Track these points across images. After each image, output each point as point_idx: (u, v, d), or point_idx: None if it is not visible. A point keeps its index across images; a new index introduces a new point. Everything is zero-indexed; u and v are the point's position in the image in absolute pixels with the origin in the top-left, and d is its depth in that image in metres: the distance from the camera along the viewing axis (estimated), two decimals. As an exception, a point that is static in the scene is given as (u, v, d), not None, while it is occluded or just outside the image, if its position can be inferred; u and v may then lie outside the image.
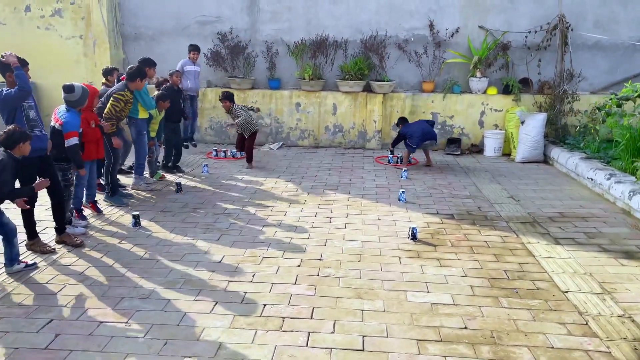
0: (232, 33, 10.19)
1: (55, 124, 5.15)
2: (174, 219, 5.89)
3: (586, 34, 9.56)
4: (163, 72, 9.54)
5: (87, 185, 5.76)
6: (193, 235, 5.40)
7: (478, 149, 9.85)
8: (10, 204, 4.43)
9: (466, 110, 9.87)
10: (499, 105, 9.77)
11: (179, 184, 6.94)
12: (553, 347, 3.50)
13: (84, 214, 5.73)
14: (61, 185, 5.06)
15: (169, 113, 7.52)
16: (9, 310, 3.86)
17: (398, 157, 8.91)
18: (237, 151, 8.86)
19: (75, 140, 5.09)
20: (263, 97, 10.16)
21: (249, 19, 10.26)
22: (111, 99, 6.25)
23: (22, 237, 4.89)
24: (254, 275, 4.46)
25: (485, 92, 9.83)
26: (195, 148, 9.57)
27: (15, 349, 3.40)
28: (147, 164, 7.33)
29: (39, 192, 4.91)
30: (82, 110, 5.45)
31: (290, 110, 10.15)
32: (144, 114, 7.00)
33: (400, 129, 8.64)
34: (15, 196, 4.38)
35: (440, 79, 10.08)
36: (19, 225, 4.67)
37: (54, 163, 5.07)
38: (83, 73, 10.29)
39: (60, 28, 10.24)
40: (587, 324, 3.80)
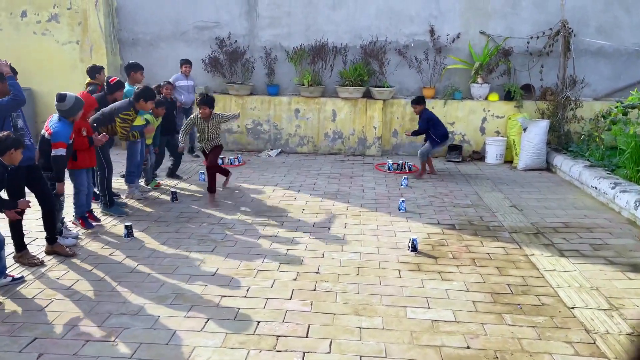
0: (231, 38, 10.08)
1: (45, 133, 5.01)
2: (167, 229, 5.74)
3: (589, 39, 9.43)
4: (161, 78, 9.45)
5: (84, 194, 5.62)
6: (187, 246, 5.25)
7: (479, 156, 9.70)
8: (-3, 216, 4.29)
9: (467, 117, 9.73)
10: (500, 112, 9.63)
11: (174, 193, 6.80)
12: (560, 369, 3.35)
13: (72, 226, 5.61)
14: (51, 195, 4.92)
15: (162, 125, 7.36)
16: (-7, 327, 3.71)
17: (398, 164, 8.76)
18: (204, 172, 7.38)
19: (62, 152, 4.94)
20: (262, 103, 10.03)
21: (248, 24, 10.15)
22: (118, 120, 6.14)
23: (10, 249, 4.75)
24: (248, 290, 4.31)
25: (486, 99, 9.70)
26: (192, 155, 9.44)
27: (-4, 369, 3.25)
28: (143, 172, 7.19)
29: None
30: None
31: (289, 116, 10.02)
32: (138, 121, 6.86)
33: (424, 113, 8.05)
34: None
35: (441, 85, 9.95)
36: (6, 236, 4.52)
37: (42, 172, 4.93)
38: (80, 79, 10.11)
39: (57, 33, 10.13)
40: (595, 342, 3.63)
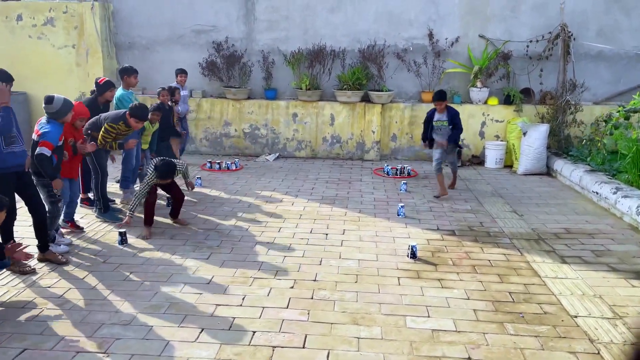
0: (228, 42, 10.00)
1: (34, 137, 4.91)
2: (162, 236, 5.64)
3: (589, 43, 9.37)
4: (157, 82, 9.39)
5: (67, 203, 5.48)
6: (182, 253, 5.15)
7: (479, 160, 9.62)
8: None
9: (467, 121, 9.62)
10: (500, 116, 9.56)
11: (170, 198, 6.68)
12: (564, 380, 3.26)
13: (63, 232, 5.50)
14: (42, 203, 4.81)
15: (160, 131, 7.27)
16: (-20, 338, 3.60)
17: (397, 169, 8.68)
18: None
19: (45, 150, 4.77)
20: (259, 108, 9.95)
21: (245, 28, 10.07)
22: (103, 127, 5.94)
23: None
24: (243, 298, 4.21)
25: (486, 103, 9.62)
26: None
27: (-17, 382, 3.14)
28: (138, 177, 7.09)
29: (19, 207, 4.69)
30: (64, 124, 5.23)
31: (287, 120, 9.94)
32: (134, 125, 6.78)
33: (451, 110, 7.24)
34: None
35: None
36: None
37: (35, 179, 4.84)
38: (76, 83, 10.08)
39: (53, 37, 10.04)
40: (599, 353, 3.54)
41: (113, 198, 6.80)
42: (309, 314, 3.98)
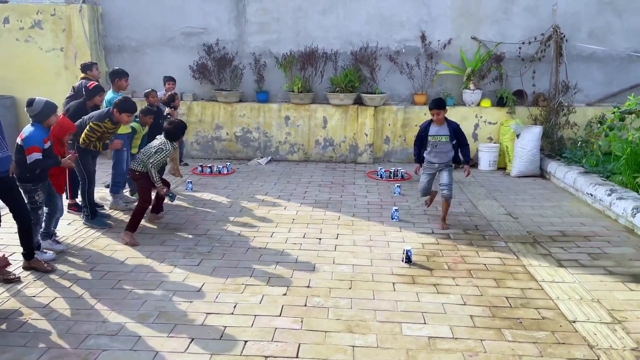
0: (219, 45, 9.89)
1: (19, 141, 4.78)
2: (152, 242, 5.51)
3: (581, 44, 9.36)
4: (147, 85, 9.22)
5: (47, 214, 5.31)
6: (172, 260, 5.03)
7: (472, 162, 9.56)
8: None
9: (460, 123, 9.36)
10: (493, 118, 9.52)
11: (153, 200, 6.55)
12: (564, 388, 3.18)
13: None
14: (27, 209, 4.68)
15: (149, 134, 7.15)
16: (-39, 351, 3.47)
17: (391, 172, 8.60)
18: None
19: (37, 156, 4.65)
20: (251, 111, 9.84)
21: (236, 30, 9.98)
22: (87, 127, 5.74)
23: (-16, 265, 4.50)
24: (235, 307, 4.09)
25: (478, 105, 9.58)
26: (187, 166, 9.20)
27: (-38, 398, 3.01)
28: (127, 182, 6.96)
29: (4, 214, 4.55)
30: (53, 139, 5.09)
31: (279, 123, 9.84)
32: (124, 129, 6.65)
33: (452, 123, 6.01)
34: None
35: (433, 91, 9.82)
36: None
37: (19, 184, 4.70)
38: (64, 86, 9.87)
39: (40, 40, 9.89)
40: (599, 359, 3.47)
41: (102, 203, 6.66)
42: (302, 322, 3.87)
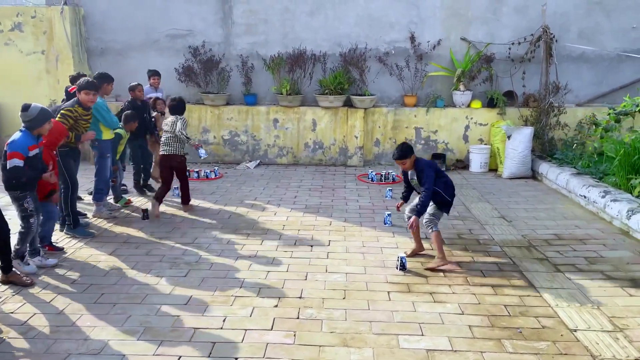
0: (205, 47, 9.70)
1: (6, 147, 4.57)
2: (137, 252, 5.31)
3: (570, 45, 9.33)
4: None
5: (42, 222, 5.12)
6: (158, 271, 4.83)
7: (463, 164, 9.48)
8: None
9: (450, 125, 9.52)
10: (483, 119, 9.44)
11: (145, 211, 6.36)
12: (569, 403, 3.05)
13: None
14: (5, 221, 4.44)
15: (134, 133, 6.97)
16: None
17: (382, 175, 8.47)
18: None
19: (17, 162, 4.45)
20: (239, 114, 9.66)
21: (223, 32, 9.79)
22: (59, 115, 5.55)
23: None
24: (224, 320, 3.92)
25: (469, 106, 9.50)
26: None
27: None
28: (111, 189, 6.75)
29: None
30: (45, 147, 4.90)
31: (268, 126, 9.67)
32: (108, 135, 6.45)
33: (420, 163, 4.95)
34: None
35: (423, 93, 9.72)
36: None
37: (8, 193, 4.50)
38: (45, 91, 9.65)
39: (21, 43, 9.61)
40: (603, 370, 3.36)
41: (84, 212, 6.43)
42: (295, 335, 3.71)
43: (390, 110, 9.51)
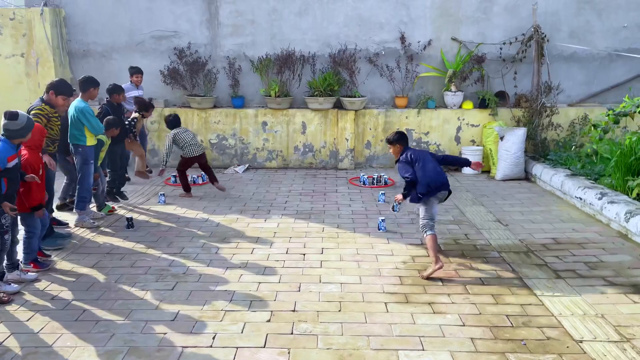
0: (191, 48, 9.45)
1: None
2: (121, 263, 5.06)
3: (561, 44, 9.24)
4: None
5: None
6: (143, 284, 4.60)
7: (456, 166, 9.33)
8: None
9: (442, 126, 9.38)
10: (475, 120, 9.32)
11: (130, 219, 6.11)
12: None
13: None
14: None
15: (114, 139, 6.74)
16: None
17: (374, 178, 8.30)
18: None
19: None
20: (226, 117, 9.43)
21: (209, 33, 9.55)
22: (32, 117, 5.28)
23: None
24: (214, 337, 3.71)
25: (460, 107, 9.37)
26: (151, 174, 8.68)
27: None
28: (94, 197, 6.49)
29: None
30: (29, 149, 4.65)
31: (256, 129, 9.45)
32: (91, 141, 6.19)
33: (404, 153, 5.11)
34: None
35: (414, 94, 9.58)
36: None
37: None
38: (25, 95, 9.33)
39: (-1, 45, 9.29)
40: (613, 384, 3.21)
41: (66, 221, 6.17)
42: (289, 353, 3.51)
43: (381, 111, 9.35)
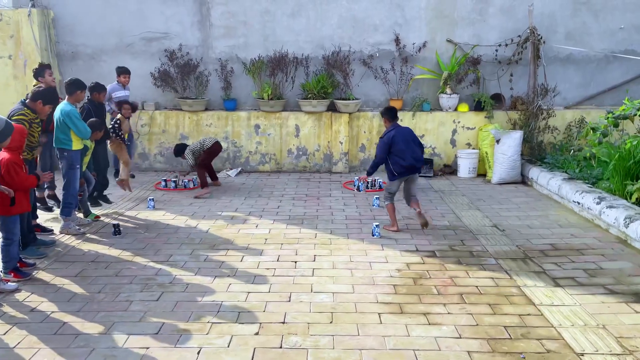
0: (182, 50, 9.29)
1: None
2: (106, 272, 4.89)
3: (557, 46, 9.13)
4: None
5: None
6: (128, 294, 4.43)
7: (451, 169, 9.21)
8: None
9: (437, 129, 9.25)
10: (471, 123, 9.19)
11: (116, 226, 5.93)
12: None
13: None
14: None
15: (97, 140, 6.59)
16: None
17: (369, 183, 8.15)
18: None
19: None
20: (218, 119, 9.26)
21: (201, 34, 9.39)
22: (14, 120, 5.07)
23: None
24: (199, 352, 3.54)
25: (456, 109, 9.24)
26: (133, 178, 8.44)
27: None
28: (80, 203, 6.30)
29: None
30: (9, 152, 4.49)
31: (249, 132, 9.29)
32: (78, 145, 6.01)
33: (383, 137, 5.97)
34: None
35: (409, 96, 9.44)
36: None
37: None
38: (13, 97, 9.10)
39: (-14, 47, 9.10)
40: (616, 400, 3.06)
41: (51, 228, 5.99)
42: (277, 368, 3.35)
43: (376, 114, 9.20)
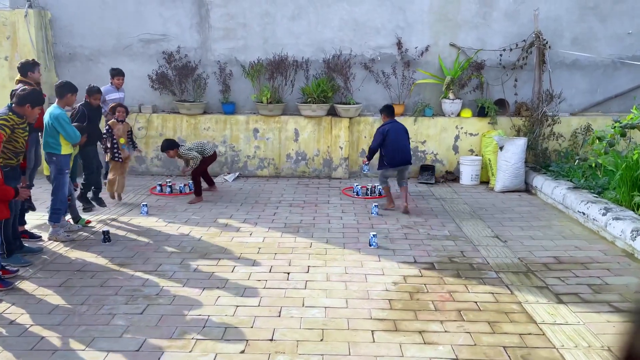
0: (180, 52, 9.15)
1: None
2: (91, 282, 4.72)
3: (563, 51, 8.92)
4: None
5: None
6: (111, 306, 4.26)
7: (453, 176, 9.00)
8: None
9: (439, 135, 9.05)
10: (474, 129, 8.99)
11: (106, 232, 5.77)
12: None
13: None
14: None
15: (88, 135, 6.45)
16: None
17: (367, 189, 7.97)
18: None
19: None
20: (216, 123, 9.11)
21: (199, 37, 9.24)
22: None
23: None
24: (181, 372, 3.37)
25: (459, 115, 9.05)
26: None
27: None
28: (69, 209, 6.15)
29: None
30: None
31: (247, 136, 9.13)
32: (67, 149, 5.87)
33: (379, 128, 7.03)
34: None
35: (411, 101, 9.25)
36: None
37: None
38: (9, 99, 9.00)
39: (-18, 48, 8.99)
40: None
41: (39, 234, 5.84)
42: (262, 391, 3.17)
43: (377, 119, 9.00)
